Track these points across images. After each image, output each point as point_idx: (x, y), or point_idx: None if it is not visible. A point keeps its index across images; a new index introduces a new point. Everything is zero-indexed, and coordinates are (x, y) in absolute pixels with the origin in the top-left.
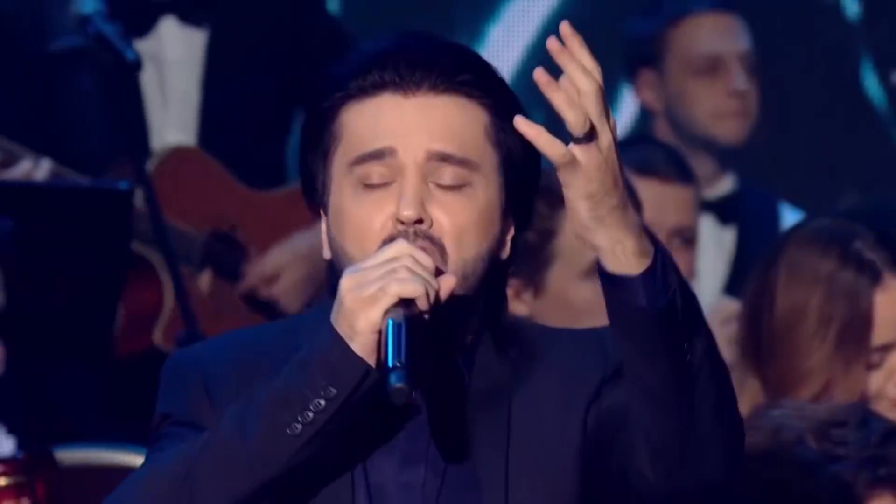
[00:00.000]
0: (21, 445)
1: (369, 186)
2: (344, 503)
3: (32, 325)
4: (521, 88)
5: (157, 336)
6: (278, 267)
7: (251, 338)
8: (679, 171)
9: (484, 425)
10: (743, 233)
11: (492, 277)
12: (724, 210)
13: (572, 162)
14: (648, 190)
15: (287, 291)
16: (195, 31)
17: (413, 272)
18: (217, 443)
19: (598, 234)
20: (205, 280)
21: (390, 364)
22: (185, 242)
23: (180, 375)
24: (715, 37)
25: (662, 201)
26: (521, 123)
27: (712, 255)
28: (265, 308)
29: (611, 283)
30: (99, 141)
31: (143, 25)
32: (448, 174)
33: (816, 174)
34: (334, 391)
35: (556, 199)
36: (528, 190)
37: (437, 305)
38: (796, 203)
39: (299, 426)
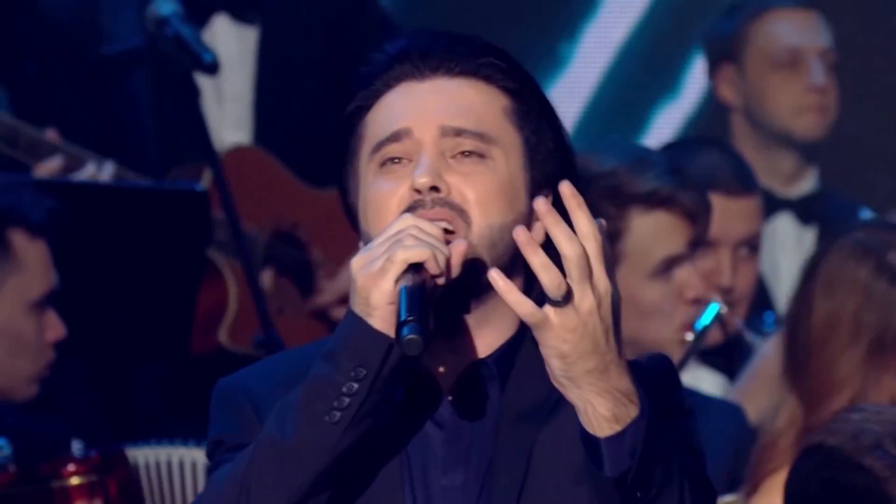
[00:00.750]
0: (93, 445)
1: (387, 168)
2: None
3: (111, 326)
4: (611, 88)
5: (223, 336)
6: None
7: (296, 358)
8: (743, 182)
9: (516, 433)
10: (824, 234)
11: (526, 260)
12: (804, 210)
13: (544, 321)
14: (714, 203)
15: None
16: (247, 28)
17: (418, 238)
18: (262, 449)
19: (569, 392)
20: (266, 278)
21: (402, 319)
22: (247, 241)
23: (228, 400)
24: (794, 31)
25: (728, 214)
26: (495, 276)
27: (793, 254)
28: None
29: (579, 435)
30: (156, 143)
31: (195, 21)
32: (466, 145)
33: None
34: (363, 371)
35: (622, 200)
36: (553, 172)
37: (452, 271)
38: (873, 206)
39: (337, 413)
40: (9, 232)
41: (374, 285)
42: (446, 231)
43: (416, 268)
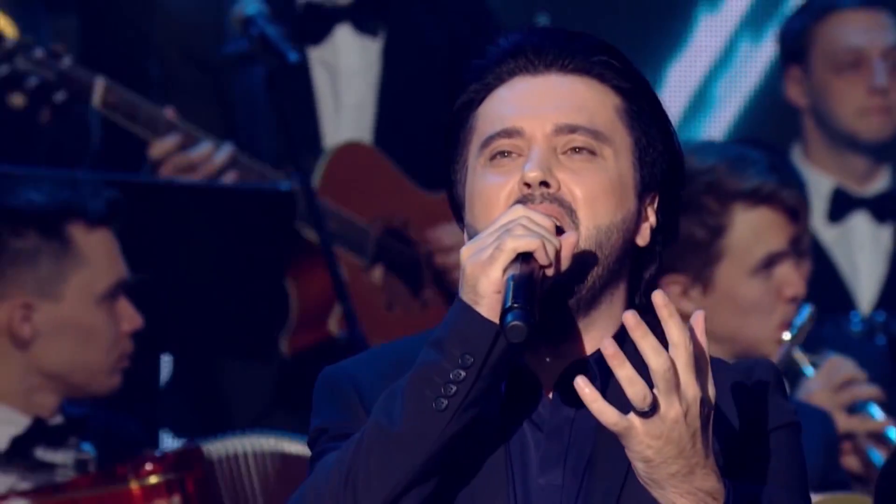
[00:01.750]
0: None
1: (497, 161)
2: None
3: (198, 326)
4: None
5: (333, 326)
6: (456, 240)
7: (398, 348)
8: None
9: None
10: None
11: (632, 262)
12: (879, 208)
13: (628, 430)
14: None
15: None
16: (370, 39)
17: (528, 228)
18: (369, 436)
19: (653, 492)
20: (377, 273)
21: (506, 306)
22: (360, 235)
23: (333, 388)
24: (858, 32)
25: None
26: (581, 384)
27: (869, 253)
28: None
29: None
30: (268, 143)
31: (318, 33)
32: (578, 142)
33: None
34: (471, 359)
35: (726, 195)
36: (670, 186)
37: (561, 264)
38: None
39: (445, 400)
40: (67, 226)
41: (483, 273)
42: (555, 229)
43: (525, 258)
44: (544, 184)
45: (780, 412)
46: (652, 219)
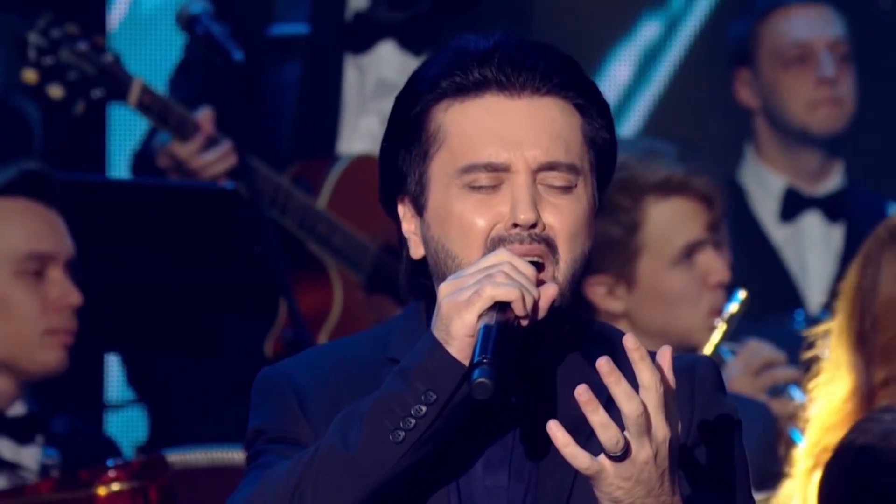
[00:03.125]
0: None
1: (478, 191)
2: None
3: (139, 324)
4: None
5: (324, 339)
6: None
7: (339, 348)
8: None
9: (567, 426)
10: (852, 230)
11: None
12: (831, 207)
13: (599, 473)
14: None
15: None
16: (412, 58)
17: (510, 277)
18: (322, 455)
19: None
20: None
21: (475, 359)
22: (359, 251)
23: (271, 389)
24: (803, 26)
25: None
26: (553, 428)
27: (820, 252)
28: None
29: None
30: (292, 134)
31: (362, 43)
32: (556, 178)
33: None
34: (434, 396)
35: (638, 190)
36: (605, 184)
37: (536, 314)
38: None
39: (402, 433)
40: None
41: (457, 315)
42: (536, 264)
43: (502, 306)
44: (533, 225)
45: (722, 411)
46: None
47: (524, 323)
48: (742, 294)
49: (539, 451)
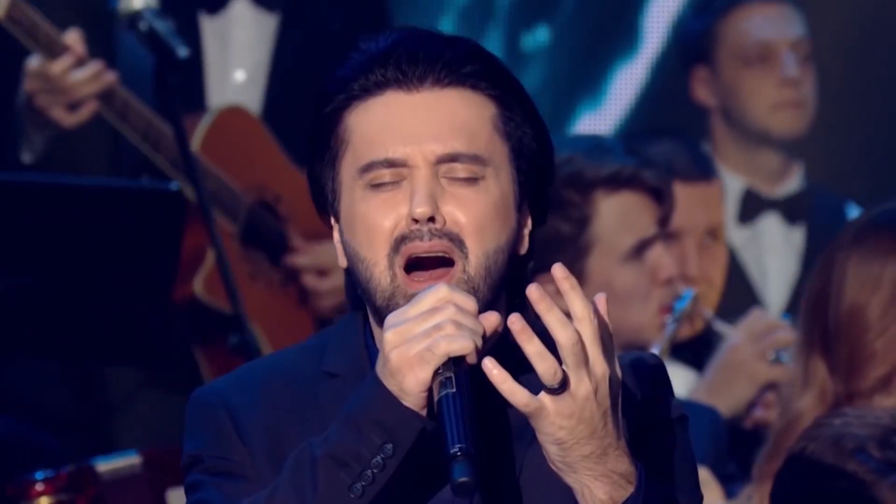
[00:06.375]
0: (64, 461)
1: (378, 187)
2: None
3: (79, 328)
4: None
5: (199, 285)
6: (335, 264)
7: (272, 364)
8: (701, 169)
9: (503, 448)
10: (812, 232)
11: (513, 275)
12: (791, 209)
13: (539, 410)
14: (674, 191)
15: (329, 293)
16: (266, 14)
17: (459, 325)
18: None
19: (566, 476)
20: (244, 240)
21: (451, 450)
22: (233, 201)
23: (206, 413)
24: (764, 25)
25: (689, 202)
26: (489, 365)
27: (781, 254)
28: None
29: None
30: (150, 101)
31: (215, 3)
32: (460, 170)
33: (885, 172)
34: (391, 448)
35: (586, 185)
36: (542, 182)
37: (486, 345)
38: (863, 203)
39: (360, 486)
40: None
41: (410, 372)
42: (443, 260)
43: (456, 359)
44: (431, 219)
45: (668, 407)
46: (529, 224)
47: (473, 362)
48: (693, 292)
49: (489, 459)
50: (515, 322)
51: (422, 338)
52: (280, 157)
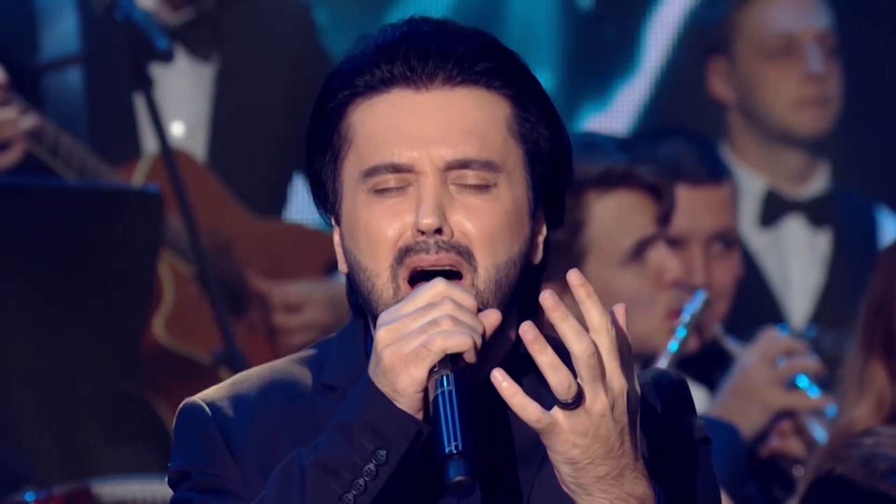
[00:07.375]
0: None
1: (382, 192)
2: None
3: (60, 329)
4: None
5: (158, 327)
6: (304, 300)
7: (268, 375)
8: (710, 170)
9: (511, 470)
10: (839, 237)
11: (525, 285)
12: (815, 211)
13: (552, 427)
14: (679, 195)
15: (299, 329)
16: (202, 65)
17: (457, 321)
18: None
19: (580, 499)
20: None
21: (447, 450)
22: (186, 242)
23: (196, 427)
24: (787, 15)
25: (696, 206)
26: (498, 377)
27: (804, 260)
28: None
29: None
30: (91, 144)
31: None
32: (471, 177)
33: None
34: (384, 454)
35: (578, 186)
36: (557, 185)
37: (485, 343)
38: (893, 206)
39: (351, 496)
40: None
41: (405, 371)
42: (450, 274)
43: (453, 356)
44: (438, 231)
45: (691, 428)
46: (543, 231)
47: (472, 361)
48: (704, 295)
49: (487, 486)
50: (528, 331)
51: (417, 334)
52: (229, 200)
